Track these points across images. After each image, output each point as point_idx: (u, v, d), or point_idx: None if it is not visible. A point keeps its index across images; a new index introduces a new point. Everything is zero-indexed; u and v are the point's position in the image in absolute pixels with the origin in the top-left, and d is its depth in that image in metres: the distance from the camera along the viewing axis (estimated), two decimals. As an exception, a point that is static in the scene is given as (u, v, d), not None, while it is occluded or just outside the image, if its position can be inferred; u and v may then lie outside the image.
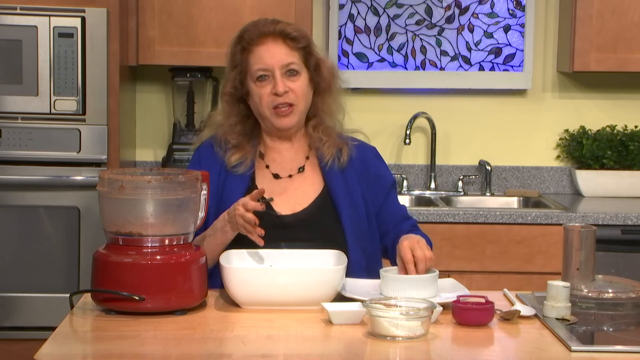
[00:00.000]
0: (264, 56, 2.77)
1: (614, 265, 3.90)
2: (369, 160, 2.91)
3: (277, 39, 2.78)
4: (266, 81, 2.77)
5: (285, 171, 2.85)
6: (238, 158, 2.81)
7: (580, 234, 2.56)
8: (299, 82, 2.79)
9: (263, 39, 2.78)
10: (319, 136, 2.86)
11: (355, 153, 2.88)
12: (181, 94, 4.38)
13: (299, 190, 2.82)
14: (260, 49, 2.78)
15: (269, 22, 2.82)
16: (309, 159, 2.88)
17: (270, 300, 2.47)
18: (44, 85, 3.81)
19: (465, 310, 2.38)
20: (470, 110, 4.56)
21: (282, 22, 2.82)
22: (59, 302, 3.71)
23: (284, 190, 2.81)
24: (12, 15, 3.79)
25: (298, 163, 2.87)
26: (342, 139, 2.88)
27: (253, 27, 2.82)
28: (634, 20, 4.22)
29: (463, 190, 4.52)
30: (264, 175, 2.84)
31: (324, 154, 2.84)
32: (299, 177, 2.85)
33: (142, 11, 4.12)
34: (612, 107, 4.55)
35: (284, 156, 2.87)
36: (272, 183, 2.82)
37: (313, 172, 2.86)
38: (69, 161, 3.85)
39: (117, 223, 2.42)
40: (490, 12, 4.53)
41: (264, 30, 2.79)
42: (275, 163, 2.86)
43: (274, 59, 2.77)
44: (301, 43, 2.80)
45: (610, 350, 2.22)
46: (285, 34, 2.79)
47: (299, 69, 2.79)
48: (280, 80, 2.76)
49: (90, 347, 2.26)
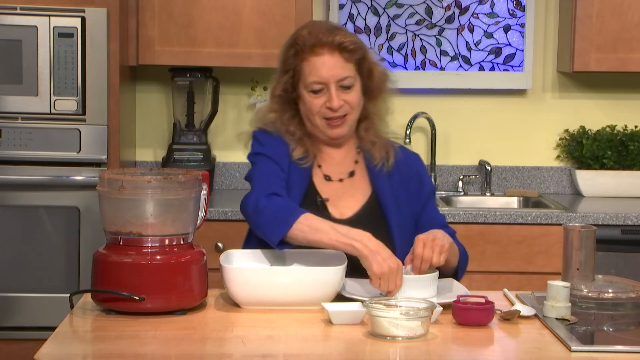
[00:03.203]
0: (320, 68, 2.73)
1: (614, 265, 3.90)
2: (412, 165, 2.91)
3: (333, 51, 2.73)
4: (320, 93, 2.75)
5: (335, 174, 2.84)
6: (302, 152, 2.79)
7: (580, 234, 2.56)
8: (353, 93, 2.76)
9: (319, 50, 2.73)
10: (370, 139, 2.84)
11: (401, 156, 2.87)
12: (181, 94, 4.38)
13: (348, 195, 2.81)
14: (316, 60, 2.73)
15: (326, 31, 2.75)
16: (358, 162, 2.86)
17: (270, 300, 2.47)
18: (44, 85, 3.81)
19: (465, 310, 2.38)
20: (470, 110, 4.56)
21: (339, 33, 2.75)
22: (59, 302, 3.71)
23: (335, 194, 2.80)
24: (12, 15, 3.79)
25: (347, 166, 2.85)
26: (390, 142, 2.88)
27: (308, 33, 2.76)
28: (634, 20, 4.22)
29: (463, 190, 4.52)
30: (316, 173, 2.83)
31: (374, 156, 2.83)
32: (349, 181, 2.84)
33: (142, 11, 4.12)
34: (612, 107, 4.55)
35: (334, 158, 2.85)
36: (324, 184, 2.82)
37: (362, 177, 2.85)
38: (69, 161, 3.85)
39: (117, 223, 2.42)
40: (490, 12, 4.53)
41: (321, 41, 2.73)
42: (325, 164, 2.85)
43: (330, 72, 2.73)
44: (357, 54, 2.76)
45: (610, 350, 2.22)
46: (342, 47, 2.73)
47: (353, 82, 2.76)
48: (335, 94, 2.73)
49: (90, 347, 2.26)
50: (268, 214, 2.62)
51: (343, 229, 2.57)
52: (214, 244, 3.87)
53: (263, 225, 2.62)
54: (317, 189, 2.80)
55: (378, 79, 2.82)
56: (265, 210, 2.62)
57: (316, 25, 2.80)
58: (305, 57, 2.74)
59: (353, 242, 2.52)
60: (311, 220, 2.59)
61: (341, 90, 2.74)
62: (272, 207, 2.62)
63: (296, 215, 2.59)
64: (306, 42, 2.74)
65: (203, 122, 4.39)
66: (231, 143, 4.50)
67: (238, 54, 4.16)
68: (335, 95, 2.73)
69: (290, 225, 2.57)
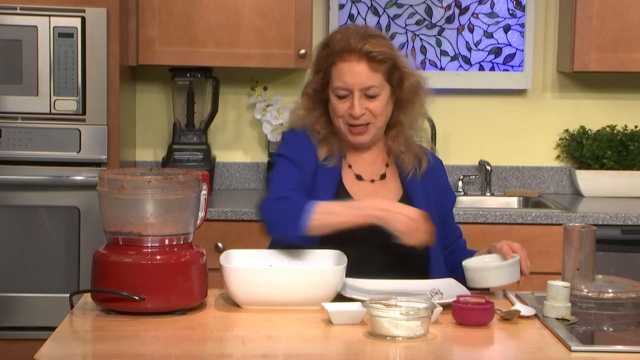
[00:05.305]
0: (345, 75, 2.73)
1: (614, 265, 3.89)
2: (440, 172, 2.93)
3: (361, 59, 2.73)
4: (345, 98, 2.75)
5: (367, 174, 2.84)
6: (327, 151, 2.79)
7: (580, 234, 2.56)
8: (377, 101, 2.75)
9: (347, 56, 2.73)
10: (399, 148, 2.84)
11: (432, 163, 2.88)
12: (181, 94, 4.38)
13: (380, 195, 2.81)
14: (344, 66, 2.73)
15: (359, 37, 2.74)
16: (389, 166, 2.87)
17: (270, 300, 2.47)
18: (44, 85, 3.81)
19: (465, 310, 2.38)
20: (470, 110, 4.56)
21: (371, 40, 2.74)
22: (59, 302, 3.70)
23: (367, 194, 2.80)
24: (12, 15, 3.79)
25: (378, 168, 2.86)
26: (421, 149, 2.88)
27: (341, 37, 2.77)
28: (634, 20, 4.22)
29: (463, 190, 4.52)
30: (347, 174, 2.83)
31: (405, 164, 2.83)
32: (380, 183, 2.84)
33: (142, 11, 4.12)
34: (612, 107, 4.55)
35: (364, 159, 2.86)
36: (355, 184, 2.82)
37: (393, 180, 2.85)
38: (69, 161, 3.85)
39: (117, 223, 2.42)
40: (490, 12, 4.53)
41: (351, 46, 2.73)
42: (356, 164, 2.85)
43: (354, 80, 2.73)
44: (386, 65, 2.75)
45: (610, 350, 2.22)
46: (370, 57, 2.72)
47: (379, 91, 2.75)
48: (358, 102, 2.73)
49: (90, 347, 2.26)
50: (279, 216, 2.62)
51: (356, 204, 2.63)
52: (214, 244, 3.87)
53: (278, 227, 2.62)
54: (348, 190, 2.80)
55: (408, 89, 2.81)
56: (275, 213, 2.63)
57: (350, 30, 2.80)
58: (335, 60, 2.75)
59: (369, 214, 2.57)
60: (324, 207, 2.62)
61: (365, 99, 2.74)
62: (280, 208, 2.62)
63: (309, 207, 2.59)
64: (337, 45, 2.75)
65: (203, 122, 4.39)
66: (231, 143, 4.50)
67: (238, 54, 4.16)
68: (358, 103, 2.73)
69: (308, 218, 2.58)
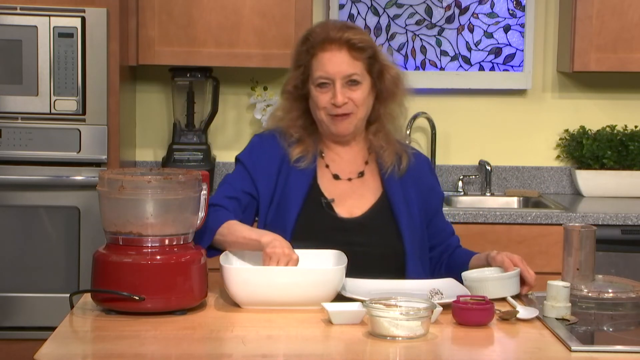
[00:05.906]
0: (326, 64, 2.73)
1: (614, 265, 3.90)
2: (424, 170, 2.90)
3: (342, 47, 2.73)
4: (326, 88, 2.74)
5: (345, 173, 2.83)
6: (300, 152, 2.79)
7: (580, 234, 2.56)
8: (359, 91, 2.75)
9: (327, 46, 2.74)
10: (379, 143, 2.83)
11: (413, 161, 2.86)
12: (181, 94, 4.38)
13: (357, 194, 2.80)
14: (324, 56, 2.74)
15: (337, 28, 2.76)
16: (368, 163, 2.86)
17: (270, 300, 2.47)
18: (44, 85, 3.81)
19: (465, 310, 2.38)
20: (470, 110, 4.57)
21: (350, 30, 2.75)
22: (59, 302, 3.71)
23: (343, 193, 2.79)
24: (12, 15, 3.79)
25: (357, 166, 2.85)
26: (401, 146, 2.86)
27: (321, 29, 2.78)
28: (634, 20, 4.22)
29: (463, 190, 4.52)
30: (324, 174, 2.82)
31: (384, 161, 2.82)
32: (359, 181, 2.83)
33: (142, 11, 4.12)
34: (612, 107, 4.55)
35: (343, 158, 2.85)
36: (332, 183, 2.81)
37: (372, 178, 2.84)
38: (69, 161, 3.85)
39: (117, 223, 2.42)
40: (490, 12, 4.53)
41: (330, 37, 2.73)
42: (334, 163, 2.84)
43: (336, 69, 2.73)
44: (366, 53, 2.75)
45: (610, 350, 2.22)
46: (350, 44, 2.73)
47: (360, 79, 2.75)
48: (340, 91, 2.72)
49: (90, 347, 2.25)
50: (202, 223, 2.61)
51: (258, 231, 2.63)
52: (214, 244, 3.86)
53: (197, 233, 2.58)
54: (322, 190, 2.79)
55: (389, 82, 2.80)
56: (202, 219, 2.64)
57: (329, 23, 2.83)
58: (315, 53, 2.76)
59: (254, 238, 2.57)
60: (230, 226, 2.64)
61: (347, 88, 2.74)
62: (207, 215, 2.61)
63: (221, 222, 2.63)
64: (317, 38, 2.76)
65: (203, 122, 4.39)
66: (231, 143, 4.50)
67: (238, 54, 4.16)
68: (340, 91, 2.73)
69: (215, 232, 2.62)
